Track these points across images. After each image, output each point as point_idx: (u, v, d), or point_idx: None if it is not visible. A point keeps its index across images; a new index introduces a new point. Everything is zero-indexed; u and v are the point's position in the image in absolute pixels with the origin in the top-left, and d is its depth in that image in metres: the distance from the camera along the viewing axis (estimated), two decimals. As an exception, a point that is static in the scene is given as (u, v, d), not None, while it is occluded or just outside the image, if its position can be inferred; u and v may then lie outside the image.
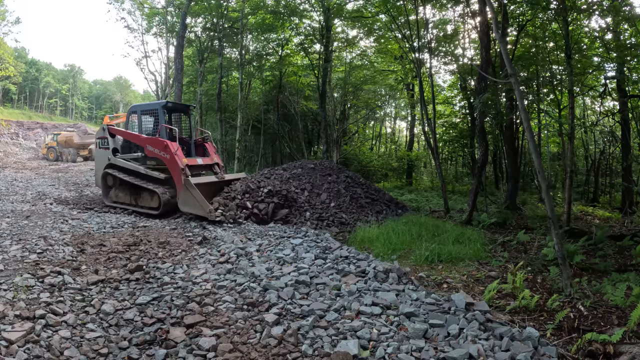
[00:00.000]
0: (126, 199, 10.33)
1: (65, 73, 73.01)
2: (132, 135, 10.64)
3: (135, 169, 10.23)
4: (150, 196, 9.82)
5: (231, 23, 21.25)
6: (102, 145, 11.08)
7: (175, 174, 9.41)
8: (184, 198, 8.88)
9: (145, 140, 10.13)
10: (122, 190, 10.48)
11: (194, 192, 8.68)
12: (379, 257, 6.53)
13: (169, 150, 9.43)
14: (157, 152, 9.72)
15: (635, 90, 13.24)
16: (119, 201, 10.47)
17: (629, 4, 9.76)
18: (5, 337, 3.29)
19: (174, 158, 9.34)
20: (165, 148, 9.52)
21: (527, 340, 3.53)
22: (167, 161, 9.54)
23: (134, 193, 10.24)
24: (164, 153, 9.57)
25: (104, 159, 10.90)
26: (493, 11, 6.60)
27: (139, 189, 10.04)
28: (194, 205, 8.70)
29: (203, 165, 10.32)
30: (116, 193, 10.59)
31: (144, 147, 10.14)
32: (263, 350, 3.48)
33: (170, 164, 9.45)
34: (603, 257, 6.98)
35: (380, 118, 31.46)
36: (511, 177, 13.60)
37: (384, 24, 17.12)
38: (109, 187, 10.85)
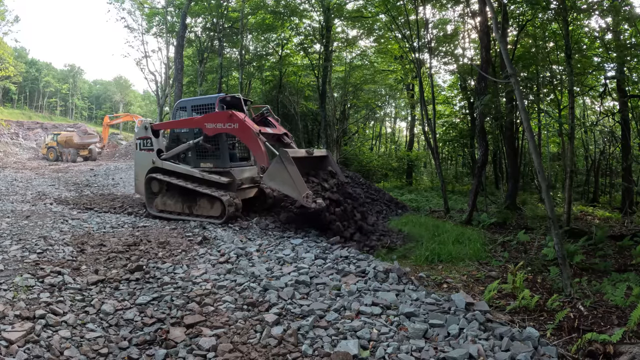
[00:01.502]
0: (177, 207, 9.02)
1: (65, 73, 73.05)
2: (184, 122, 9.45)
3: (189, 172, 8.98)
4: (211, 203, 8.60)
5: (231, 23, 21.26)
6: (144, 146, 9.77)
7: (251, 143, 8.19)
8: (275, 171, 7.39)
9: (201, 120, 8.75)
10: (171, 197, 9.18)
11: (290, 167, 7.19)
12: (379, 257, 6.54)
13: (236, 119, 8.16)
14: (222, 126, 8.42)
15: (635, 90, 13.24)
16: (167, 209, 9.15)
17: (629, 4, 9.77)
18: (5, 337, 3.29)
19: (244, 124, 8.08)
20: (230, 117, 8.25)
21: (527, 340, 3.53)
22: (237, 131, 8.32)
23: (187, 200, 8.96)
24: (230, 124, 8.28)
25: (148, 161, 9.52)
26: (493, 11, 6.60)
27: (195, 194, 8.82)
28: (287, 183, 7.27)
29: (272, 134, 9.04)
30: (164, 200, 9.23)
31: (202, 128, 8.79)
32: (263, 350, 3.48)
33: (242, 132, 8.21)
34: (603, 257, 6.99)
35: (380, 118, 31.48)
36: (511, 177, 13.61)
37: (384, 24, 17.13)
38: (154, 194, 9.49)
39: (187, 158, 9.51)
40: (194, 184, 8.84)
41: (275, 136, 9.21)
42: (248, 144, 8.53)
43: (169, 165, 9.30)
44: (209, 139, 8.93)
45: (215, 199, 8.48)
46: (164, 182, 9.32)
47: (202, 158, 9.29)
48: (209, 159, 9.22)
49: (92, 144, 31.26)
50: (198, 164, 9.27)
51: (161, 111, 29.28)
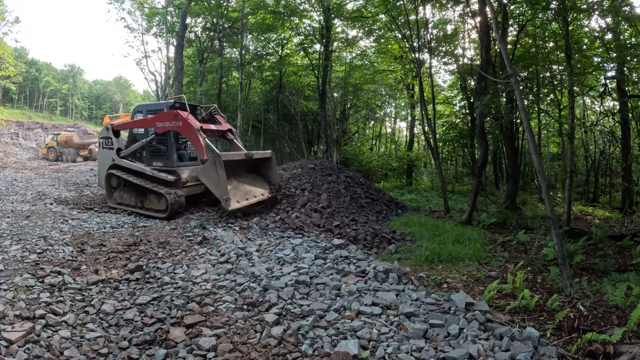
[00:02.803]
0: (131, 200, 9.96)
1: (65, 73, 73.06)
2: (138, 122, 10.45)
3: (141, 170, 9.88)
4: (158, 198, 9.46)
5: (231, 23, 21.26)
6: (106, 145, 10.73)
7: (193, 138, 9.12)
8: (208, 170, 8.47)
9: (153, 120, 9.74)
10: (127, 191, 10.13)
11: (220, 171, 8.26)
12: (379, 257, 6.54)
13: (180, 117, 9.10)
14: (169, 125, 9.35)
15: (635, 90, 13.24)
16: (123, 203, 10.12)
17: (629, 4, 9.76)
18: (5, 337, 3.29)
19: (186, 121, 9.00)
20: (175, 116, 9.20)
21: (527, 340, 3.53)
22: (181, 128, 9.22)
23: (140, 195, 9.84)
24: (176, 122, 9.22)
25: (108, 159, 10.49)
26: (493, 11, 6.60)
27: (146, 190, 9.66)
28: (214, 183, 8.36)
29: (217, 130, 10.09)
30: (121, 194, 10.21)
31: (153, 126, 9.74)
32: (263, 350, 3.48)
33: (185, 129, 9.13)
34: (603, 257, 6.99)
35: (380, 118, 31.47)
36: (511, 177, 13.60)
37: (384, 24, 17.12)
38: (113, 188, 10.45)
39: (142, 157, 10.50)
40: (144, 181, 9.73)
41: (220, 132, 10.33)
42: (190, 139, 9.41)
43: (125, 163, 10.23)
44: (159, 138, 10.02)
45: (161, 195, 9.31)
46: (122, 178, 10.17)
47: (154, 157, 10.32)
48: (159, 158, 10.24)
49: (92, 144, 31.23)
50: (150, 162, 10.24)
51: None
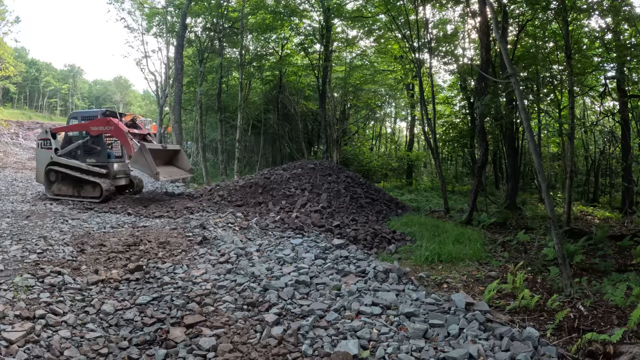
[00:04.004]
0: (69, 191, 11.92)
1: (65, 73, 73.01)
2: (75, 126, 12.27)
3: (77, 165, 11.83)
4: (93, 187, 11.66)
5: (231, 23, 21.24)
6: (45, 145, 12.32)
7: (123, 140, 11.21)
8: (137, 157, 10.59)
9: (88, 124, 11.70)
10: (64, 184, 12.02)
11: (147, 155, 10.49)
12: (379, 257, 6.54)
13: (112, 123, 11.19)
14: (103, 128, 11.38)
15: (635, 90, 13.23)
16: (61, 194, 11.95)
17: (629, 4, 9.76)
18: (5, 337, 3.29)
19: (118, 126, 11.11)
20: (108, 122, 11.28)
21: (527, 340, 3.53)
22: (113, 132, 11.31)
23: (76, 186, 11.88)
24: (109, 126, 11.25)
25: (46, 157, 12.14)
26: (493, 11, 6.61)
27: (82, 182, 11.75)
28: (144, 165, 10.56)
29: (139, 134, 12.18)
30: (59, 187, 12.05)
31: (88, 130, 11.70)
32: (263, 350, 3.48)
33: (116, 132, 11.20)
34: (603, 257, 6.98)
35: (380, 118, 31.45)
36: (511, 177, 13.59)
37: (384, 24, 17.10)
38: (52, 182, 12.18)
39: (77, 155, 12.20)
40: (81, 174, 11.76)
41: (141, 135, 12.29)
42: (120, 140, 11.41)
43: (63, 160, 11.99)
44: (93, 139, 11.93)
45: (97, 184, 11.57)
46: (60, 173, 12.04)
47: (87, 155, 12.15)
48: (92, 156, 12.11)
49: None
50: (85, 159, 12.06)
51: (161, 111, 29.24)
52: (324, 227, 8.64)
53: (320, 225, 8.75)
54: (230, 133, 24.88)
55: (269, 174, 13.03)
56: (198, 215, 9.52)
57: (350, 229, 8.48)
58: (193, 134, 24.80)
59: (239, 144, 19.27)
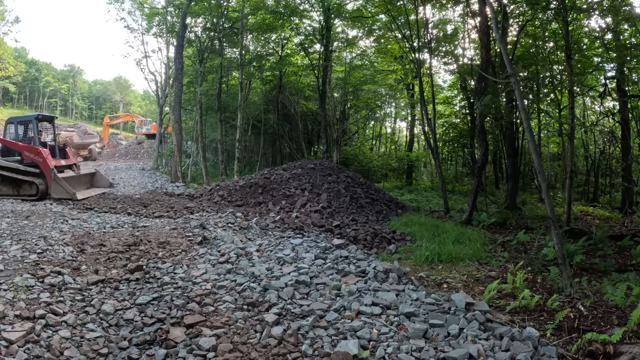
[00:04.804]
0: (9, 191, 12.66)
1: (65, 73, 73.00)
2: (12, 143, 13.12)
3: (15, 167, 12.56)
4: (30, 186, 12.52)
5: (231, 23, 21.23)
6: None
7: (47, 173, 12.30)
8: (55, 188, 12.09)
9: (22, 147, 12.75)
10: (5, 184, 12.78)
11: (61, 182, 12.11)
12: (379, 257, 6.54)
13: (42, 156, 12.36)
14: (33, 157, 12.47)
15: (635, 90, 13.22)
16: (1, 194, 12.65)
17: (629, 4, 9.75)
18: (5, 337, 3.29)
19: (45, 161, 12.28)
20: (39, 154, 12.38)
21: (527, 340, 3.53)
22: (41, 164, 12.34)
23: (15, 186, 12.68)
24: (38, 157, 12.38)
25: None
26: (493, 11, 6.61)
27: (20, 182, 12.59)
28: (62, 192, 11.99)
29: (65, 165, 13.62)
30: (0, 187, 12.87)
31: (21, 152, 12.65)
32: (263, 350, 3.48)
33: (43, 166, 12.31)
34: (603, 257, 6.98)
35: (380, 118, 31.42)
36: (511, 177, 13.59)
37: (384, 24, 17.10)
38: None
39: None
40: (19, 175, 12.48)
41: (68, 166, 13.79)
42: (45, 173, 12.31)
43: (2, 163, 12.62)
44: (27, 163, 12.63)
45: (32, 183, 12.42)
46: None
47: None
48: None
49: (92, 144, 31.24)
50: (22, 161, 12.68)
51: (161, 111, 29.21)
52: (324, 227, 8.64)
53: (320, 225, 8.75)
54: (230, 133, 24.87)
55: (269, 174, 13.03)
56: (198, 215, 9.52)
57: (350, 229, 8.48)
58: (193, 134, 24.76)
59: (239, 144, 19.26)
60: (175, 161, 20.29)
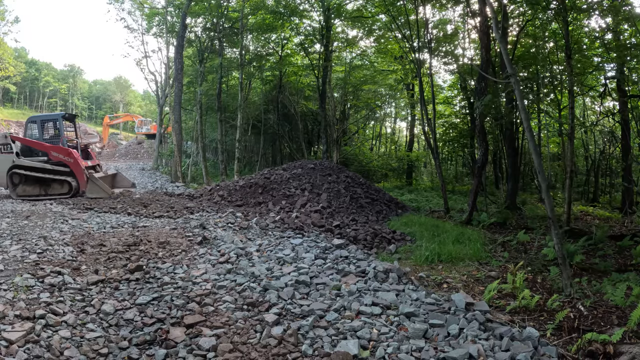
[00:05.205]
0: (35, 191, 12.56)
1: (65, 73, 73.01)
2: (37, 144, 12.87)
3: (42, 166, 12.51)
4: (61, 185, 12.52)
5: (231, 23, 21.23)
6: (5, 150, 12.70)
7: (78, 173, 12.47)
8: (91, 188, 12.30)
9: (50, 148, 12.60)
10: (29, 184, 12.62)
11: (98, 182, 12.30)
12: (379, 257, 6.54)
13: (73, 156, 12.51)
14: (62, 157, 12.46)
15: (635, 90, 13.22)
16: (26, 194, 12.48)
17: (629, 4, 9.75)
18: (5, 337, 3.29)
19: (77, 162, 12.48)
20: (69, 154, 12.51)
21: (527, 340, 3.53)
22: (71, 164, 12.46)
23: (42, 185, 12.58)
24: (69, 158, 12.46)
25: (8, 161, 12.55)
26: (493, 11, 6.61)
27: (49, 181, 12.54)
28: (99, 191, 12.23)
29: (90, 165, 13.51)
30: (24, 188, 12.61)
31: (48, 153, 12.55)
32: (263, 350, 3.48)
33: (74, 166, 12.47)
34: (603, 257, 6.98)
35: (380, 118, 31.41)
36: (511, 177, 13.59)
37: (384, 24, 17.10)
38: (15, 184, 12.66)
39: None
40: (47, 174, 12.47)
41: (93, 166, 13.61)
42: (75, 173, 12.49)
43: (27, 162, 12.50)
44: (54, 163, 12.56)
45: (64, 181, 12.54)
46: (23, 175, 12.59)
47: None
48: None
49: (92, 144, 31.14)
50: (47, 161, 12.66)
51: (161, 111, 29.23)
52: (324, 227, 8.64)
53: (320, 225, 8.74)
54: (230, 133, 24.87)
55: (269, 174, 13.03)
56: (198, 215, 9.52)
57: (350, 229, 8.48)
58: (193, 134, 24.77)
59: (239, 144, 19.27)
60: (175, 161, 20.31)
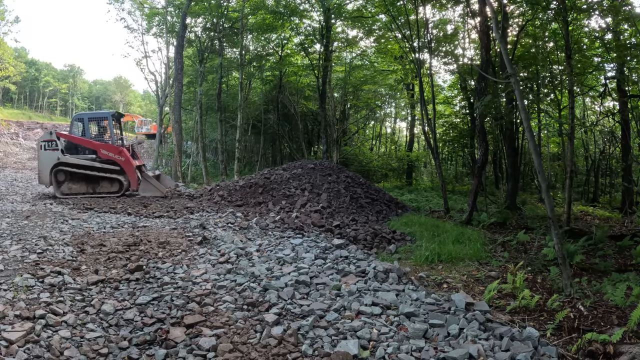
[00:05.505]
0: (81, 189, 12.49)
1: (65, 73, 72.93)
2: (85, 141, 12.90)
3: (91, 164, 12.53)
4: (111, 183, 12.57)
5: (231, 23, 21.24)
6: (49, 147, 12.61)
7: (129, 171, 12.55)
8: (145, 187, 12.57)
9: (99, 146, 12.63)
10: (74, 182, 12.53)
11: (153, 181, 12.63)
12: (379, 257, 6.54)
13: (125, 155, 12.60)
14: (112, 155, 12.49)
15: (635, 90, 13.22)
16: (73, 192, 12.41)
17: (629, 4, 9.75)
18: (5, 337, 3.29)
19: (129, 160, 12.58)
20: (121, 152, 12.57)
21: (527, 340, 3.53)
22: (123, 163, 12.51)
23: (90, 183, 12.59)
24: (120, 156, 12.49)
25: (52, 158, 12.42)
26: (493, 11, 6.61)
27: (97, 178, 12.59)
28: (154, 190, 12.49)
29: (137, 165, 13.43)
30: (69, 185, 12.51)
31: (97, 151, 12.60)
32: (263, 350, 3.48)
33: (126, 164, 12.55)
34: (603, 257, 6.98)
35: (380, 118, 31.42)
36: (511, 177, 13.60)
37: (384, 24, 17.10)
38: (60, 182, 12.55)
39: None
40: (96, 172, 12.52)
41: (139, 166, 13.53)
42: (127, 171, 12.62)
43: (74, 160, 12.46)
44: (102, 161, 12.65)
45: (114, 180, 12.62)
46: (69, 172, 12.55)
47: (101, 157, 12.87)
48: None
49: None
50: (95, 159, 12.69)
51: (161, 111, 29.23)
52: (324, 227, 8.64)
53: (320, 225, 8.74)
54: (230, 133, 24.88)
55: (269, 174, 13.04)
56: (198, 215, 9.52)
57: (350, 229, 8.48)
58: (193, 134, 24.79)
59: (239, 144, 19.27)
60: (175, 161, 20.30)
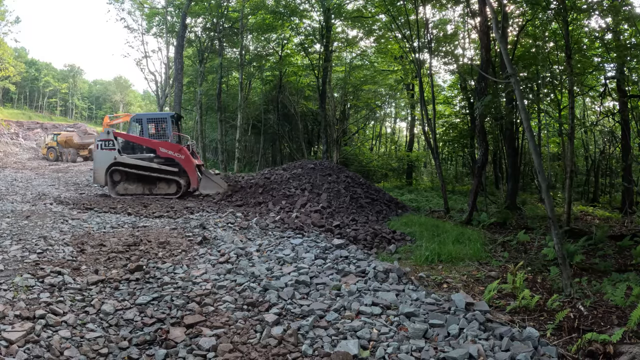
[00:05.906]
0: (138, 189, 12.41)
1: (65, 73, 72.94)
2: (143, 140, 12.92)
3: (148, 165, 12.41)
4: (168, 184, 12.44)
5: (231, 23, 21.25)
6: (106, 146, 12.59)
7: (190, 170, 12.43)
8: (205, 184, 12.48)
9: (158, 144, 12.55)
10: (130, 182, 12.49)
11: (214, 177, 12.68)
12: (379, 257, 6.54)
13: (184, 153, 12.47)
14: (172, 154, 12.37)
15: (635, 90, 13.22)
16: (128, 193, 12.35)
17: (629, 4, 9.75)
18: (5, 337, 3.29)
19: (189, 158, 12.43)
20: (180, 150, 12.47)
21: (527, 340, 3.53)
22: (183, 161, 12.38)
23: (146, 183, 12.49)
24: (180, 154, 12.38)
25: (108, 158, 12.42)
26: (493, 11, 6.61)
27: (154, 179, 12.49)
28: (214, 187, 12.45)
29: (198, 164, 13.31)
30: (125, 186, 12.48)
31: (156, 150, 12.51)
32: (263, 350, 3.47)
33: (186, 162, 12.41)
34: (603, 257, 6.99)
35: (380, 118, 31.44)
36: (511, 177, 13.60)
37: (384, 24, 17.12)
38: (116, 182, 12.53)
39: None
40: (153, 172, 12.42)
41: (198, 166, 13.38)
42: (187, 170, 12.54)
43: (131, 160, 12.43)
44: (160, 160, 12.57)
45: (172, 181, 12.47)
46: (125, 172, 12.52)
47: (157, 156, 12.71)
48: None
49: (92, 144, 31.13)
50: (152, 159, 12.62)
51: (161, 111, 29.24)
52: (324, 227, 8.64)
53: (320, 225, 8.74)
54: (230, 133, 24.89)
55: (269, 174, 13.05)
56: (198, 215, 9.52)
57: (350, 229, 8.48)
58: (193, 134, 24.80)
59: (239, 144, 19.29)
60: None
